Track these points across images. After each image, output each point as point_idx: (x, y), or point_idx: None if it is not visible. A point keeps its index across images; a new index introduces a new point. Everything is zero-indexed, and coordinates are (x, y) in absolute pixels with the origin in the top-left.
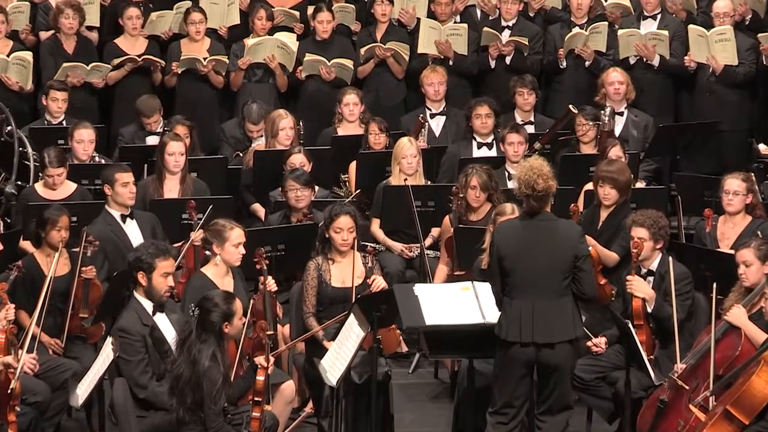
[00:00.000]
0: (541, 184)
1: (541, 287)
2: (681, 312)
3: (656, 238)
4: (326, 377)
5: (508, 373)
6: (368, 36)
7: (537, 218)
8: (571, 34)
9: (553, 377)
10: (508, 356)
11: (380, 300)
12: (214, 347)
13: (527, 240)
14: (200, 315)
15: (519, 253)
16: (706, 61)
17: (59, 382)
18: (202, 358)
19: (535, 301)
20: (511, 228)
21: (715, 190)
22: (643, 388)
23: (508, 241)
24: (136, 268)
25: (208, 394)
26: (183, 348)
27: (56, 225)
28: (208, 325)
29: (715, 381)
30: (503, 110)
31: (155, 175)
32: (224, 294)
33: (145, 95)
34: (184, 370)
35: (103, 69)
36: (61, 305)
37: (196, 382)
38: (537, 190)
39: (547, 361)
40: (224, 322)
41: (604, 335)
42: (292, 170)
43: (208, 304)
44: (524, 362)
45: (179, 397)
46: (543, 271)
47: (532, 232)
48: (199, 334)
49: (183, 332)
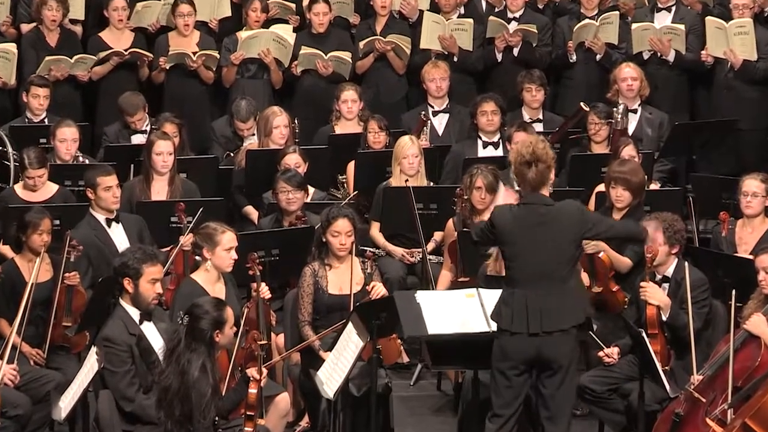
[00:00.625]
0: (541, 147)
1: (545, 276)
2: (697, 320)
3: (671, 243)
4: (323, 389)
5: (508, 367)
6: (367, 29)
7: (536, 201)
8: (581, 25)
9: (555, 378)
10: (510, 348)
11: (380, 308)
12: (204, 357)
13: (528, 227)
14: (189, 323)
15: (522, 241)
16: (724, 56)
17: (41, 394)
18: (191, 369)
19: (539, 290)
20: (511, 213)
21: (732, 191)
22: (657, 400)
23: (509, 226)
24: (121, 274)
25: (197, 407)
26: (171, 358)
27: (38, 228)
28: (197, 334)
29: (734, 393)
30: (510, 107)
31: (142, 176)
32: (215, 301)
33: (128, 92)
34: (172, 381)
35: (88, 61)
36: (42, 313)
37: (185, 393)
38: (537, 155)
39: (550, 357)
40: (215, 331)
41: (616, 345)
42: (283, 171)
43: (197, 311)
44: (526, 357)
45: (167, 410)
46: (546, 258)
47: (533, 217)
48: (188, 343)
49: (171, 341)
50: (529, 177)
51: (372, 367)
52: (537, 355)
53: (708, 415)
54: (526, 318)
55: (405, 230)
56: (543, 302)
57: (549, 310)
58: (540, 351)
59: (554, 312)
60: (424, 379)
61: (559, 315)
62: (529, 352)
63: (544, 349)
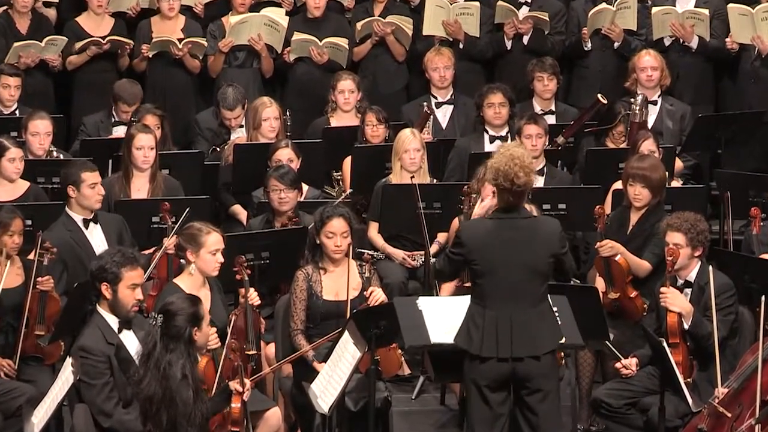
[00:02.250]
0: (522, 178)
1: (520, 295)
2: (723, 329)
3: (694, 245)
4: (317, 403)
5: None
6: (364, 13)
7: (513, 216)
8: (596, 10)
9: (535, 396)
10: (481, 373)
11: (379, 315)
12: (185, 358)
13: (502, 242)
14: (164, 322)
15: (493, 257)
16: (751, 42)
17: (12, 408)
18: (172, 372)
19: (513, 310)
20: (482, 227)
21: (761, 189)
22: (679, 415)
23: (479, 241)
24: (99, 278)
25: (183, 415)
26: (149, 363)
27: (8, 229)
28: (174, 332)
29: (762, 408)
30: (520, 98)
31: (121, 172)
32: (187, 296)
33: (125, 80)
34: (154, 388)
35: (59, 43)
36: (13, 321)
37: (170, 397)
38: (516, 185)
39: (526, 376)
40: (193, 327)
41: (634, 355)
42: (276, 167)
43: (172, 308)
44: (500, 380)
45: (155, 420)
46: (521, 276)
47: (508, 234)
48: (165, 344)
49: (146, 344)
50: (507, 199)
51: (370, 380)
52: (512, 376)
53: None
54: (495, 341)
55: (406, 231)
56: (516, 323)
57: (522, 333)
58: (516, 373)
59: (527, 336)
60: (426, 392)
61: (532, 340)
62: (503, 373)
63: (518, 369)
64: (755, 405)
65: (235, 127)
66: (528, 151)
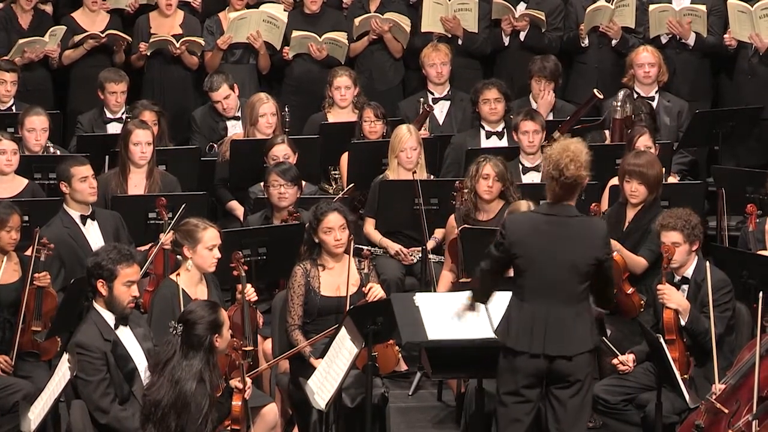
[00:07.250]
0: (572, 170)
1: (559, 291)
2: (720, 325)
3: (691, 240)
4: (314, 400)
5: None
6: (360, 9)
7: (559, 212)
8: (594, 7)
9: (567, 391)
10: (514, 366)
11: (376, 311)
12: (202, 365)
13: (547, 237)
14: (185, 331)
15: (536, 252)
16: (749, 39)
17: (8, 405)
18: (186, 379)
19: (551, 307)
20: (529, 221)
21: (759, 185)
22: (676, 411)
23: (524, 235)
24: (95, 275)
25: (194, 421)
26: (164, 370)
27: (5, 225)
28: (195, 341)
29: (759, 404)
30: (519, 94)
31: (118, 168)
32: (207, 303)
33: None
34: (164, 394)
35: (58, 32)
36: (10, 317)
37: (183, 404)
38: (565, 176)
39: (560, 373)
40: (213, 335)
41: (631, 352)
42: (277, 163)
43: (192, 317)
44: (532, 374)
45: (160, 425)
46: (562, 274)
47: (552, 229)
48: (185, 353)
49: (166, 353)
50: (555, 190)
51: (367, 376)
52: (546, 372)
53: (731, 427)
54: (530, 335)
55: (403, 227)
56: (551, 320)
57: (555, 331)
58: (550, 370)
59: (560, 334)
60: (423, 388)
61: (565, 338)
62: (538, 369)
63: (554, 369)
64: (752, 401)
65: (228, 112)
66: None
